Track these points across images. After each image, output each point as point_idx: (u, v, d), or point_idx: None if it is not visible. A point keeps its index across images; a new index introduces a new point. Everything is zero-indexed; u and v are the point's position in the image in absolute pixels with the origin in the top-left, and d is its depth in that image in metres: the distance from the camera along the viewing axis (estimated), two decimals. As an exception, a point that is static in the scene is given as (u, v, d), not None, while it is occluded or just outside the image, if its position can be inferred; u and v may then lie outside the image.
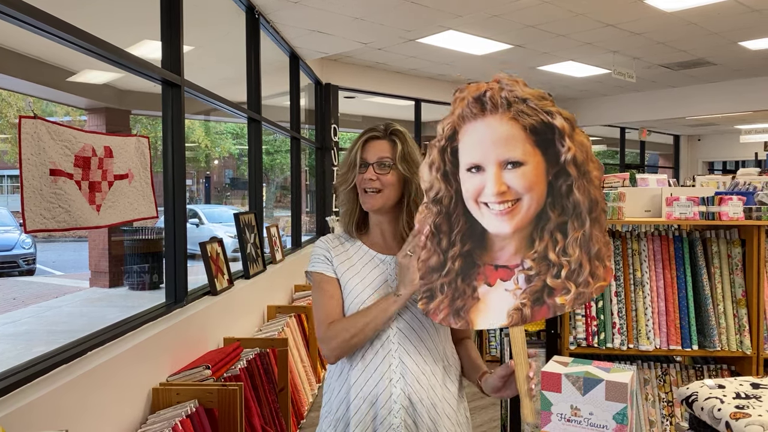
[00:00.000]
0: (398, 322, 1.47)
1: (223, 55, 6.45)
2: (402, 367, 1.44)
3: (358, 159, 1.50)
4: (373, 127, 1.54)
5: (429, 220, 1.31)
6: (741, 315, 2.67)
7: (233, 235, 4.29)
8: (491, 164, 1.25)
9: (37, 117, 1.92)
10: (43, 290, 10.06)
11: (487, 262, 1.28)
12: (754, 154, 12.47)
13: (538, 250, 1.23)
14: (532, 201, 1.23)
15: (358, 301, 1.49)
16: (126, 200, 2.53)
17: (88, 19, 2.67)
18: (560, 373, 1.02)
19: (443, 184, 1.30)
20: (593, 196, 1.21)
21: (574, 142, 1.21)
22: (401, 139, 1.51)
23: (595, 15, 5.93)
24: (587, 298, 1.19)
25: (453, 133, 1.29)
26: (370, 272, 1.52)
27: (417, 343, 1.47)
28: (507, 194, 1.24)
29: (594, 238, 1.20)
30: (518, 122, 1.23)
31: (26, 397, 1.77)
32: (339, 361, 1.52)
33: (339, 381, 1.52)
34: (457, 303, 1.29)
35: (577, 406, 1.02)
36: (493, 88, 1.24)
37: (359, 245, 1.58)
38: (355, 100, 9.21)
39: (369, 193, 1.49)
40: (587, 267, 1.19)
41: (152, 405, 2.54)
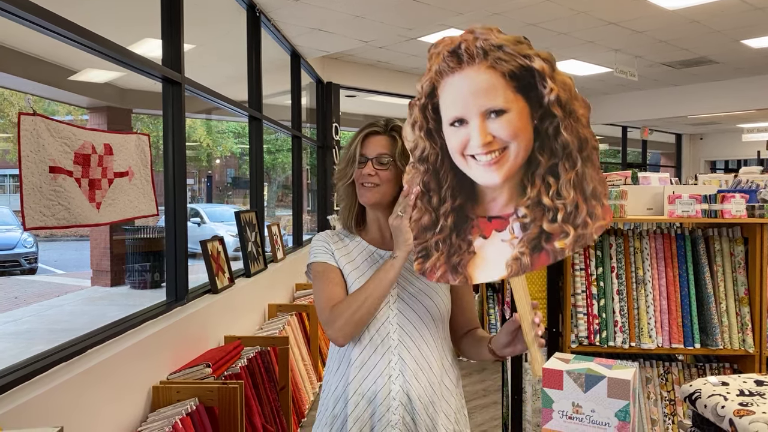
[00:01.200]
0: (399, 318, 1.45)
1: (224, 53, 6.45)
2: (401, 363, 1.43)
3: (357, 154, 1.48)
4: (373, 122, 1.52)
5: (417, 179, 1.30)
6: (744, 313, 2.66)
7: (235, 234, 4.28)
8: (474, 116, 1.22)
9: (37, 114, 1.92)
10: (44, 289, 10.07)
11: (480, 214, 1.25)
12: (756, 152, 12.44)
13: (531, 197, 1.20)
14: (519, 148, 1.20)
15: None
16: (126, 198, 2.53)
17: (90, 17, 2.67)
18: (562, 370, 1.01)
19: (427, 142, 1.28)
20: (582, 134, 1.18)
21: (555, 83, 1.18)
22: (401, 135, 1.47)
23: (597, 13, 5.91)
24: (588, 239, 1.16)
25: (432, 89, 1.27)
26: (370, 267, 1.50)
27: (417, 339, 1.45)
28: (493, 144, 1.22)
29: (588, 177, 1.17)
30: (496, 70, 1.21)
31: (26, 395, 1.77)
32: (337, 357, 1.51)
33: (336, 377, 1.50)
34: (454, 259, 1.27)
35: (578, 403, 1.01)
36: (468, 39, 1.23)
37: (358, 240, 1.56)
38: (356, 98, 9.20)
39: (366, 187, 1.46)
40: (584, 207, 1.16)
41: (152, 403, 2.54)
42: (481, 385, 4.91)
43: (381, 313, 1.45)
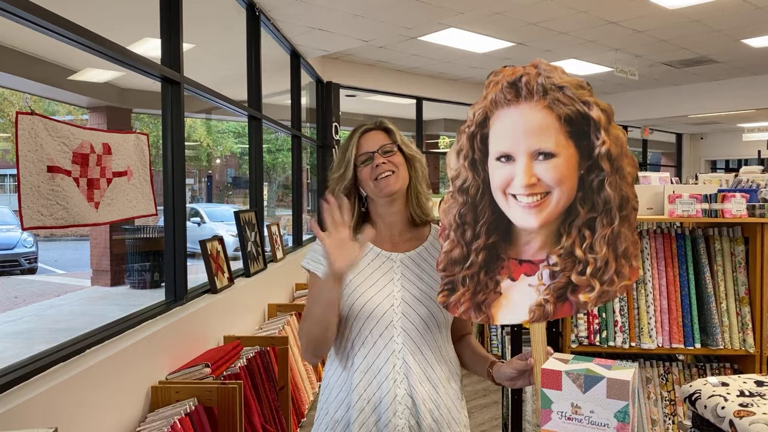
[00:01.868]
0: (402, 322, 1.43)
1: (223, 53, 6.44)
2: (406, 367, 1.41)
3: (354, 155, 1.47)
4: (361, 123, 1.52)
5: (454, 210, 1.28)
6: (744, 313, 2.65)
7: (235, 234, 4.27)
8: (522, 154, 1.20)
9: (35, 113, 1.91)
10: (44, 289, 10.07)
11: (512, 256, 1.24)
12: (757, 152, 12.43)
13: (565, 246, 1.19)
14: (562, 195, 1.18)
15: (362, 300, 1.44)
16: (125, 197, 2.52)
17: (89, 16, 2.66)
18: (560, 371, 1.01)
19: (470, 173, 1.26)
20: (625, 192, 1.17)
21: (609, 136, 1.17)
22: (395, 129, 1.52)
23: (597, 12, 5.90)
24: (611, 296, 1.16)
25: (484, 118, 1.25)
26: (374, 271, 1.48)
27: (421, 343, 1.43)
28: (537, 186, 1.19)
29: (622, 236, 1.17)
30: (553, 111, 1.18)
31: (24, 395, 1.76)
32: (339, 361, 1.48)
33: (339, 381, 1.48)
34: (479, 297, 1.26)
35: (577, 404, 1.00)
36: (530, 73, 1.21)
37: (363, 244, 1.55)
38: (356, 98, 9.19)
39: (384, 177, 1.44)
40: (613, 265, 1.16)
41: (151, 403, 2.53)
42: (481, 384, 4.91)
43: (385, 317, 1.43)
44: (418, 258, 1.51)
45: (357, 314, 1.44)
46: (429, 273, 1.49)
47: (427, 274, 1.49)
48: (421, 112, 9.21)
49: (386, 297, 1.44)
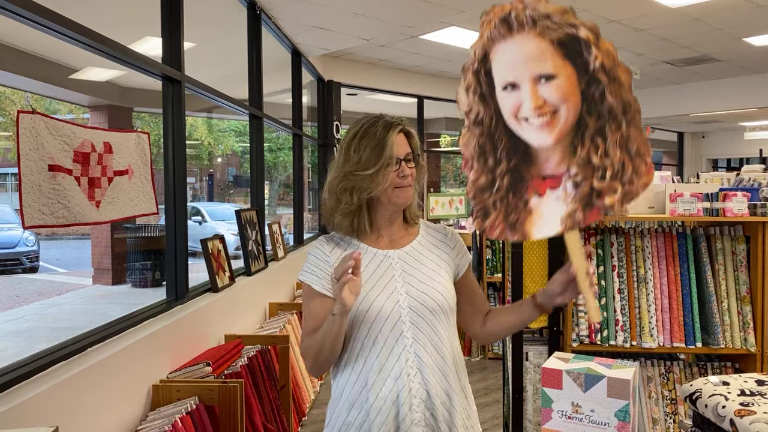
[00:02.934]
0: (411, 316, 1.45)
1: (224, 52, 6.44)
2: (418, 361, 1.43)
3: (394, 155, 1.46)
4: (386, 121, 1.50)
5: (473, 142, 1.35)
6: (745, 312, 2.65)
7: (236, 233, 4.28)
8: (525, 81, 1.29)
9: (36, 112, 1.91)
10: (45, 287, 10.08)
11: (535, 174, 1.32)
12: (758, 150, 12.41)
13: (582, 156, 1.27)
14: (569, 110, 1.27)
15: (368, 302, 1.45)
16: (126, 196, 2.52)
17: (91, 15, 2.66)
18: (561, 370, 1.00)
19: (481, 106, 1.34)
20: (625, 98, 1.26)
21: (600, 51, 1.25)
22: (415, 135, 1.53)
23: (599, 11, 5.89)
24: (634, 195, 1.24)
25: (484, 55, 1.34)
26: (375, 270, 1.49)
27: (431, 335, 1.46)
28: (544, 107, 1.28)
29: (632, 137, 1.25)
30: (545, 38, 1.28)
31: (25, 394, 1.76)
32: (349, 365, 1.48)
33: (350, 382, 1.47)
34: (511, 217, 1.33)
35: (578, 403, 1.00)
36: (517, 8, 1.30)
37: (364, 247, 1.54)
38: (357, 97, 9.19)
39: (404, 188, 1.48)
40: (630, 165, 1.24)
41: (152, 402, 2.53)
42: (482, 383, 4.91)
43: (393, 314, 1.44)
44: (414, 251, 1.54)
45: (365, 317, 1.45)
46: (427, 264, 1.53)
47: (426, 265, 1.53)
48: (422, 111, 9.21)
49: (391, 294, 1.46)
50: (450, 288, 1.53)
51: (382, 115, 1.52)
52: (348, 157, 1.49)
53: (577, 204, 1.27)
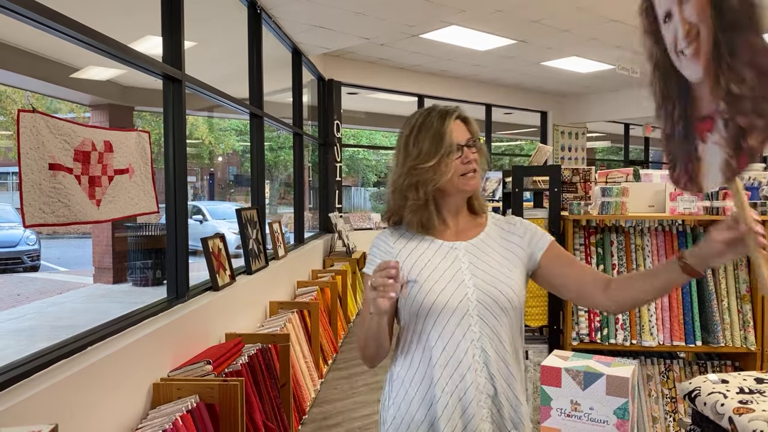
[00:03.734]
0: (479, 309, 1.41)
1: (225, 51, 6.44)
2: (485, 355, 1.40)
3: (454, 143, 1.43)
4: (441, 109, 1.48)
5: (657, 89, 1.26)
6: (745, 311, 2.65)
7: (237, 232, 4.28)
8: (674, 4, 1.17)
9: (36, 111, 1.91)
10: (46, 286, 10.10)
11: (696, 116, 1.18)
12: (759, 150, 12.39)
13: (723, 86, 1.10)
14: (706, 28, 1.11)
15: (433, 294, 1.41)
16: (126, 195, 2.52)
17: (92, 14, 2.67)
18: (560, 368, 1.01)
19: (656, 47, 1.24)
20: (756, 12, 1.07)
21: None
22: (471, 120, 1.50)
23: (599, 10, 5.89)
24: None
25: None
26: (441, 262, 1.46)
27: (498, 329, 1.42)
28: (691, 31, 1.14)
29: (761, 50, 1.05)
30: None
31: (26, 392, 1.77)
32: (413, 357, 1.45)
33: (416, 377, 1.44)
34: (689, 167, 1.20)
35: (577, 401, 1.00)
36: None
37: (424, 237, 1.51)
38: (357, 96, 9.19)
39: (470, 174, 1.44)
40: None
41: (153, 400, 2.54)
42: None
43: (460, 307, 1.41)
44: (482, 244, 1.50)
45: (430, 309, 1.41)
46: (495, 257, 1.48)
47: (494, 259, 1.48)
48: (428, 107, 9.21)
49: (458, 287, 1.42)
50: (520, 283, 1.47)
51: (435, 106, 1.49)
52: (408, 152, 1.46)
53: (730, 149, 1.09)
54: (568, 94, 11.01)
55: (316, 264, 6.56)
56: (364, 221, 8.75)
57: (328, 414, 4.05)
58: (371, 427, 3.82)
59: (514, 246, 1.52)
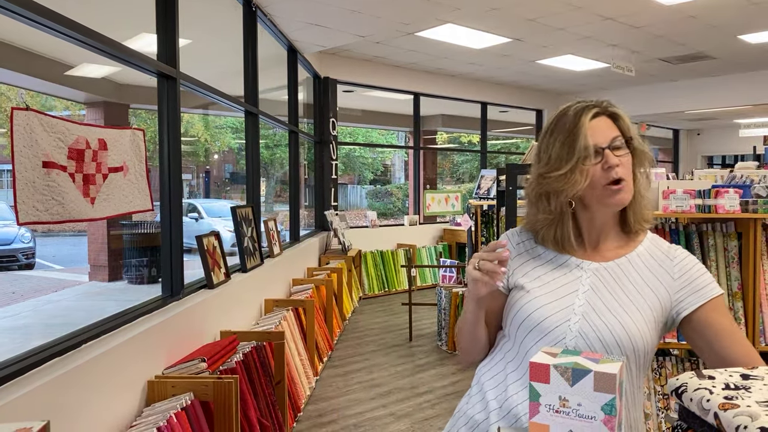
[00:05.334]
0: (577, 342, 1.20)
1: (220, 48, 6.44)
2: None
3: (585, 146, 1.19)
4: (580, 105, 1.24)
5: None
6: (737, 308, 2.67)
7: (232, 230, 4.29)
8: None
9: (30, 109, 1.91)
10: (42, 284, 10.08)
11: None
12: (752, 147, 12.46)
13: None
14: None
15: (531, 308, 1.25)
16: (121, 193, 2.53)
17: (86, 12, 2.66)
18: (549, 364, 1.02)
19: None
20: None
21: None
22: (622, 115, 1.26)
23: (594, 8, 5.91)
24: None
25: None
26: (556, 279, 1.27)
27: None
28: None
29: None
30: None
31: (20, 389, 1.77)
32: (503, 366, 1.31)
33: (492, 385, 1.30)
34: None
35: (565, 397, 1.01)
36: None
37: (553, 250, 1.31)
38: (353, 93, 9.19)
39: (615, 186, 1.19)
40: None
41: (147, 397, 2.54)
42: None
43: (556, 332, 1.22)
44: (617, 269, 1.26)
45: (524, 321, 1.25)
46: (628, 289, 1.24)
47: (625, 291, 1.23)
48: (419, 108, 9.22)
49: (563, 309, 1.23)
50: (645, 328, 1.21)
51: (581, 101, 1.26)
52: (539, 158, 1.26)
53: None
54: (564, 93, 11.03)
55: (311, 262, 6.57)
56: (359, 219, 8.77)
57: (323, 411, 4.06)
58: (366, 424, 3.83)
59: (658, 282, 1.25)
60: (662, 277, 1.25)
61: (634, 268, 1.26)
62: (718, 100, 9.86)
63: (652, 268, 1.26)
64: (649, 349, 1.23)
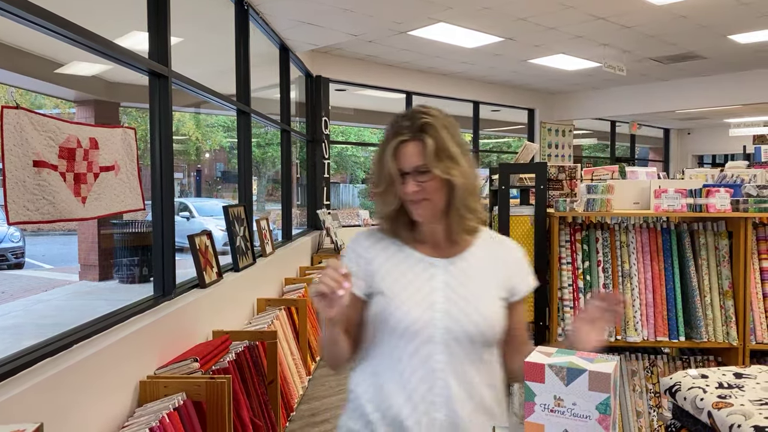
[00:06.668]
0: (444, 336, 1.27)
1: (212, 47, 6.41)
2: (447, 390, 1.27)
3: (394, 171, 1.29)
4: (399, 125, 1.31)
5: None
6: (728, 306, 2.69)
7: (224, 229, 4.27)
8: None
9: (20, 107, 1.90)
10: (32, 284, 10.00)
11: None
12: (742, 147, 12.55)
13: None
14: None
15: (398, 312, 1.29)
16: (112, 192, 2.51)
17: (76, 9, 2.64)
18: (543, 364, 1.02)
19: None
20: None
21: None
22: (432, 134, 1.28)
23: (586, 8, 5.92)
24: None
25: None
26: (414, 279, 1.33)
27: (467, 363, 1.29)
28: None
29: None
30: None
31: (10, 390, 1.76)
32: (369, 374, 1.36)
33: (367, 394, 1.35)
34: None
35: (560, 396, 1.02)
36: None
37: (403, 246, 1.38)
38: (346, 92, 9.17)
39: (416, 203, 1.30)
40: None
41: (140, 398, 2.53)
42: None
43: (424, 331, 1.28)
44: (465, 264, 1.35)
45: (391, 327, 1.30)
46: (478, 281, 1.34)
47: (476, 283, 1.33)
48: (411, 107, 9.21)
49: (426, 309, 1.29)
50: (499, 313, 1.33)
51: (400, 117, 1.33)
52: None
53: None
54: (555, 92, 11.06)
55: (304, 261, 6.55)
56: (352, 218, 8.75)
57: (315, 411, 4.06)
58: (359, 424, 3.83)
59: (499, 272, 1.37)
60: (500, 265, 1.37)
61: (477, 261, 1.36)
62: (708, 99, 9.93)
63: (492, 258, 1.38)
64: (503, 329, 1.36)
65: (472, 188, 1.33)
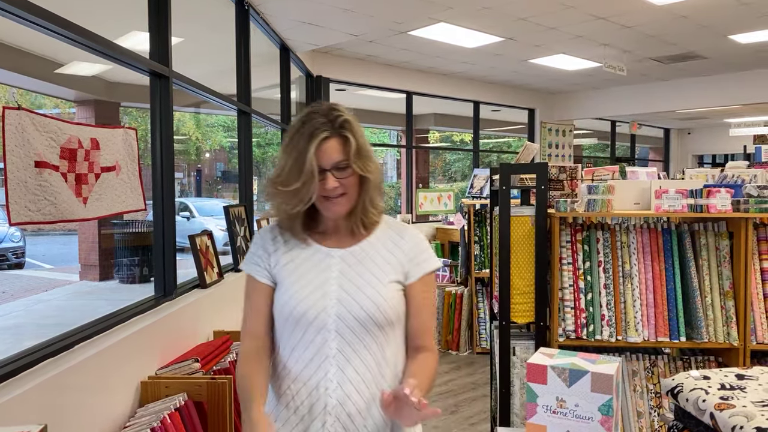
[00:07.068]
0: (337, 324, 1.32)
1: (213, 47, 6.41)
2: (340, 375, 1.31)
3: (315, 167, 1.31)
4: (315, 121, 1.33)
5: None
6: (728, 307, 2.69)
7: (224, 229, 4.27)
8: None
9: (22, 108, 1.90)
10: (32, 283, 10.01)
11: None
12: (742, 147, 12.55)
13: None
14: None
15: (294, 301, 1.35)
16: (113, 192, 2.51)
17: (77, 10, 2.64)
18: (546, 365, 1.02)
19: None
20: None
21: None
22: (352, 132, 1.33)
23: (586, 8, 5.92)
24: None
25: None
26: (310, 269, 1.38)
27: (360, 348, 1.33)
28: None
29: None
30: None
31: (12, 391, 1.76)
32: (275, 364, 1.42)
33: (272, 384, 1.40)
34: None
35: (562, 397, 1.02)
36: None
37: (305, 238, 1.44)
38: (346, 92, 9.17)
39: (333, 199, 1.34)
40: None
41: (141, 398, 2.53)
42: (470, 378, 4.94)
43: (317, 319, 1.33)
44: (361, 252, 1.41)
45: (288, 316, 1.35)
46: (371, 268, 1.39)
47: (369, 270, 1.38)
48: (411, 107, 9.21)
49: (320, 298, 1.34)
50: (391, 297, 1.36)
51: (314, 114, 1.34)
52: (278, 163, 1.38)
53: None
54: (556, 92, 11.06)
55: (304, 261, 6.54)
56: (352, 218, 8.75)
57: (316, 411, 4.05)
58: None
59: (394, 257, 1.41)
60: (396, 252, 1.41)
61: (374, 249, 1.41)
62: (708, 99, 9.92)
63: (388, 246, 1.42)
64: (401, 313, 1.39)
65: (378, 184, 1.39)
